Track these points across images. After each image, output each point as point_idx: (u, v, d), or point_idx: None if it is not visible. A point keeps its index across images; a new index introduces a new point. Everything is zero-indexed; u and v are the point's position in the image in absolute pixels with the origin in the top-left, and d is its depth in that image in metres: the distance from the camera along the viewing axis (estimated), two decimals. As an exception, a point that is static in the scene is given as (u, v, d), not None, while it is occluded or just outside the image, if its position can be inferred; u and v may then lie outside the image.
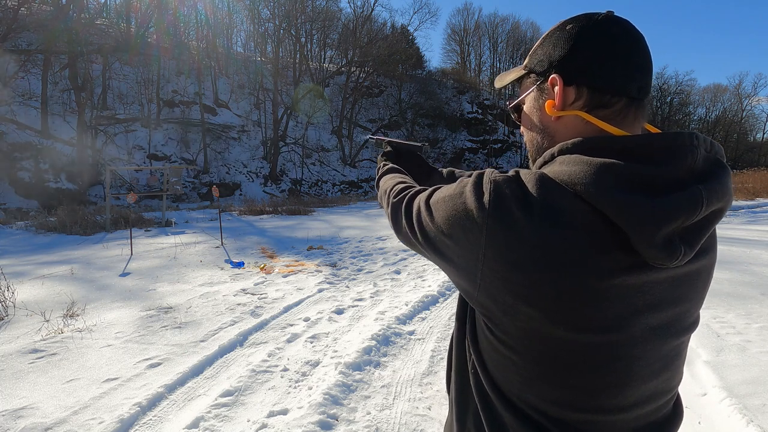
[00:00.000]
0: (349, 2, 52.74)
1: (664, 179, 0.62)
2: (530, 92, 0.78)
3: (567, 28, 0.73)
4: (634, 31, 0.71)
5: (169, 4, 28.64)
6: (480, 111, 40.39)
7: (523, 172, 0.68)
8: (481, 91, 43.44)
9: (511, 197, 0.64)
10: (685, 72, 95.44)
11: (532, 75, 0.77)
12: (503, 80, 0.85)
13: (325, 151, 31.15)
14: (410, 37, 41.23)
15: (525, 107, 0.81)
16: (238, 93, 31.02)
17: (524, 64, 0.80)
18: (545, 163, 0.71)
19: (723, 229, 10.18)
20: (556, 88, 0.72)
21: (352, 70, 33.48)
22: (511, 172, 0.68)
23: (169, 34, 29.03)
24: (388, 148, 1.34)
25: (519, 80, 0.82)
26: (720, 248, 7.30)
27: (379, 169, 1.22)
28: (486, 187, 0.67)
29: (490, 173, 0.69)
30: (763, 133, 55.18)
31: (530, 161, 0.82)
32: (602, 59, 0.69)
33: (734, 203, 16.71)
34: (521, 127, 0.84)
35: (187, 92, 28.05)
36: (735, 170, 29.90)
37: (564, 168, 0.65)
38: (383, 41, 34.17)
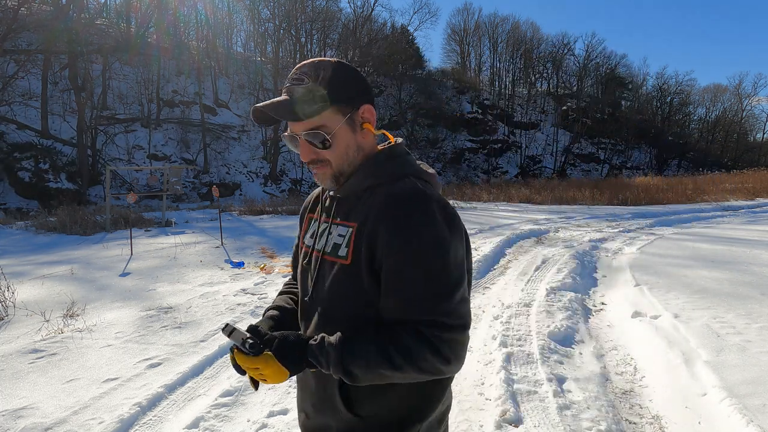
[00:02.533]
0: (349, 2, 52.73)
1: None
2: (341, 124, 0.97)
3: (346, 70, 0.99)
4: None
5: (169, 4, 28.64)
6: (480, 111, 40.39)
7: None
8: (481, 91, 43.43)
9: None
10: (685, 72, 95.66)
11: (336, 108, 0.96)
12: (297, 112, 0.94)
13: (325, 151, 31.14)
14: (410, 37, 41.22)
15: (339, 135, 0.97)
16: (238, 93, 31.02)
17: (321, 96, 0.94)
18: (398, 178, 1.00)
19: (723, 229, 10.19)
20: (368, 114, 1.00)
21: (352, 70, 33.44)
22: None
23: (169, 34, 29.02)
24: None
25: (315, 112, 0.95)
26: (720, 248, 7.31)
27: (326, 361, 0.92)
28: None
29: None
30: (763, 133, 55.17)
31: (337, 173, 1.01)
32: (369, 87, 1.03)
33: (734, 203, 16.71)
34: (328, 151, 0.98)
35: (187, 92, 28.04)
36: (735, 170, 29.89)
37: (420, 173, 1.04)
38: (383, 41, 34.19)
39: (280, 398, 2.93)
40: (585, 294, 5.26)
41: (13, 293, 4.90)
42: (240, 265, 6.87)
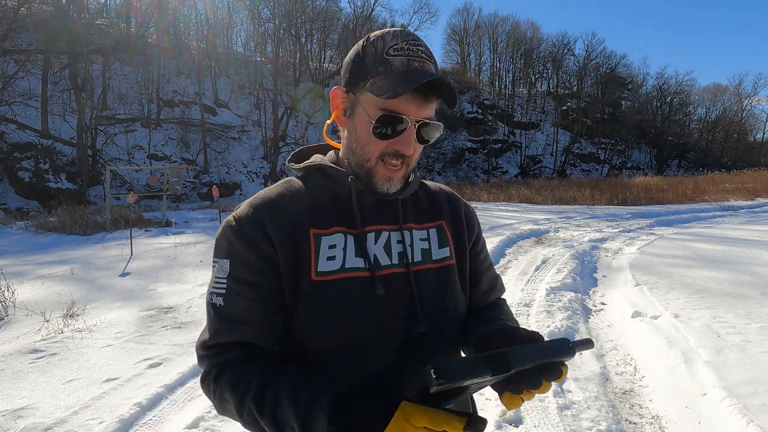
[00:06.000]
0: (349, 2, 52.75)
1: None
2: None
3: None
4: None
5: (169, 4, 28.65)
6: (480, 111, 40.39)
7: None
8: (481, 91, 43.41)
9: None
10: (685, 72, 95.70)
11: None
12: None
13: (325, 151, 31.15)
14: (410, 37, 41.15)
15: None
16: (238, 93, 31.01)
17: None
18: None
19: (723, 229, 10.19)
20: None
21: (352, 70, 33.42)
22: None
23: (169, 34, 29.03)
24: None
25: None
26: (720, 248, 7.31)
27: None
28: None
29: None
30: (763, 133, 55.26)
31: (408, 173, 0.85)
32: None
33: (734, 203, 16.71)
34: (420, 147, 0.82)
35: (187, 92, 28.04)
36: (735, 170, 29.89)
37: None
38: (383, 41, 34.17)
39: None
40: (585, 294, 5.26)
41: (13, 293, 4.90)
42: (240, 265, 6.86)
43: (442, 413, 0.54)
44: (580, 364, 3.39)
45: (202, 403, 2.86)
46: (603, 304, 4.97)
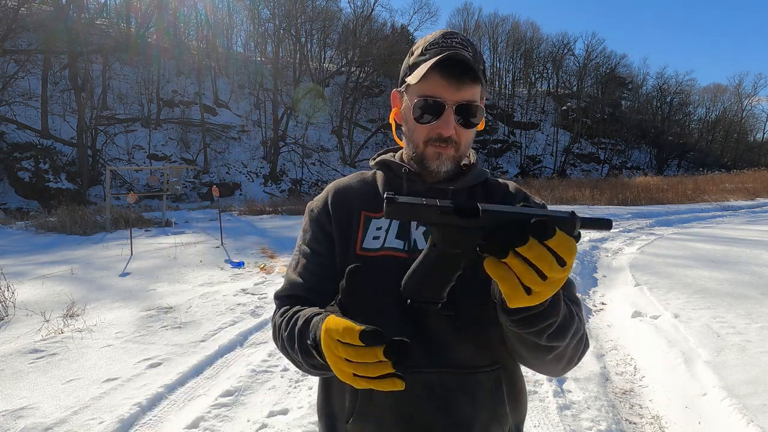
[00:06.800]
0: (349, 2, 52.66)
1: None
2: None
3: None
4: None
5: (169, 4, 28.65)
6: (480, 111, 40.37)
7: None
8: (481, 91, 43.33)
9: None
10: (685, 72, 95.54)
11: (482, 92, 0.89)
12: (481, 77, 0.86)
13: (325, 151, 31.15)
14: (410, 37, 41.16)
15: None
16: (238, 93, 31.01)
17: (483, 73, 0.87)
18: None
19: (723, 229, 10.19)
20: None
21: (352, 70, 33.44)
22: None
23: (169, 34, 29.04)
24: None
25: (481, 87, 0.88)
26: (720, 248, 7.31)
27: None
28: None
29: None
30: (763, 133, 55.22)
31: (459, 158, 0.92)
32: None
33: (734, 203, 16.70)
34: (467, 132, 0.88)
35: (187, 92, 28.04)
36: (735, 170, 29.89)
37: None
38: (383, 41, 34.16)
39: (280, 398, 2.93)
40: (585, 294, 5.26)
41: (13, 293, 4.90)
42: (240, 265, 6.87)
43: (345, 322, 0.60)
44: (580, 365, 3.39)
45: (202, 403, 2.86)
46: (603, 304, 4.97)
